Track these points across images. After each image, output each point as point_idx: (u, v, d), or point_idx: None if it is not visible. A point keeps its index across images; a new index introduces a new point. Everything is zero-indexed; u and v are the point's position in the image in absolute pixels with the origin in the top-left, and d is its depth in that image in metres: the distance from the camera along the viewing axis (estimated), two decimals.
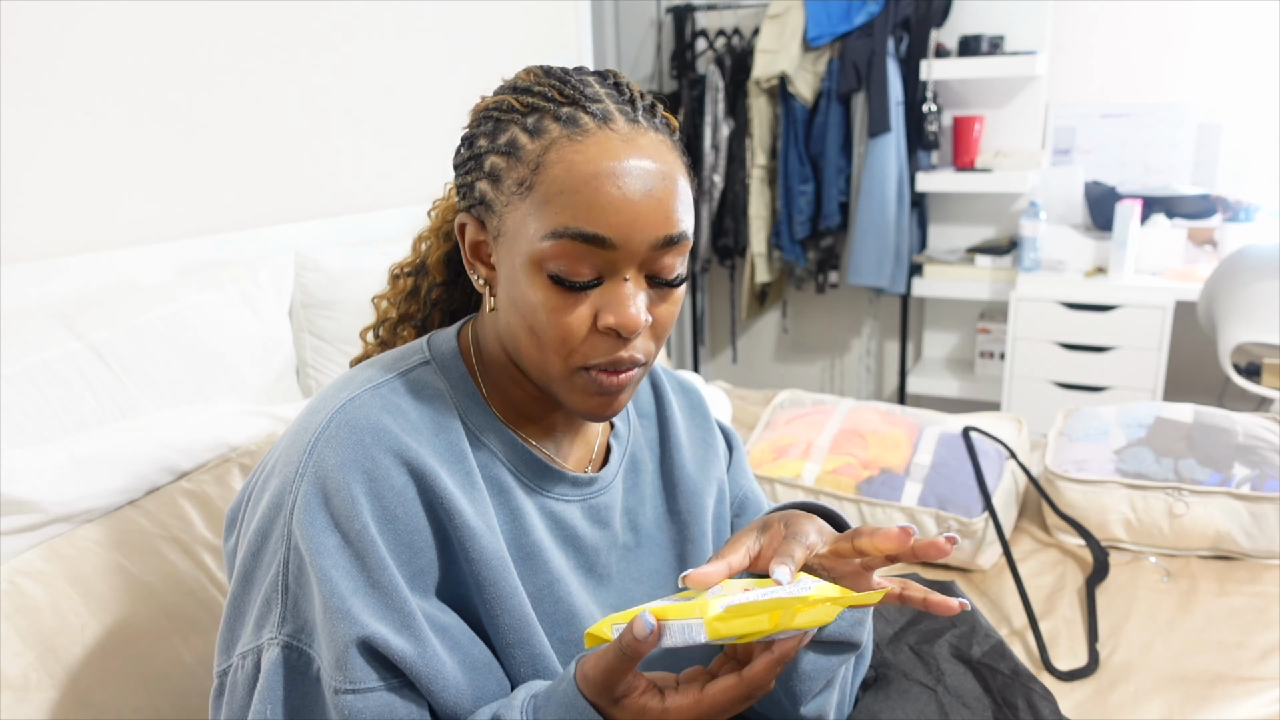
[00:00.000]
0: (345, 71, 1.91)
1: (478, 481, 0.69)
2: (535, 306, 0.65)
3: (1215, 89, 2.75)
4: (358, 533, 0.62)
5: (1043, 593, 1.40)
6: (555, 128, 0.64)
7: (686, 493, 0.85)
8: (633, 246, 0.64)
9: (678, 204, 0.65)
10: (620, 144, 0.64)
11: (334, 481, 0.63)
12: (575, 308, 0.65)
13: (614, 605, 0.77)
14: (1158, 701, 1.14)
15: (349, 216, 1.93)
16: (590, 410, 0.69)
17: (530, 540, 0.71)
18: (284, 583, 0.63)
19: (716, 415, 0.95)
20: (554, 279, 0.64)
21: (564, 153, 0.64)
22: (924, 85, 2.82)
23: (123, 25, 1.44)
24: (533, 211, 0.64)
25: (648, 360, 0.69)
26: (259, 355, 1.50)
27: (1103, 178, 2.89)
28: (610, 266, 0.64)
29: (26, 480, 0.98)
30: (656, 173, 0.64)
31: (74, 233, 1.41)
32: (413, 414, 0.68)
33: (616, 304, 0.64)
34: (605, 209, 0.62)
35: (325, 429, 0.65)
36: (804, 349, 3.55)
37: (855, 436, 1.64)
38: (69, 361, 1.21)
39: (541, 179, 0.64)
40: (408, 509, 0.65)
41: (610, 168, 0.63)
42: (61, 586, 0.95)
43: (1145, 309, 2.55)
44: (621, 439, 0.83)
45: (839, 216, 2.99)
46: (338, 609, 0.61)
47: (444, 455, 0.68)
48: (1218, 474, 1.47)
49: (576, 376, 0.67)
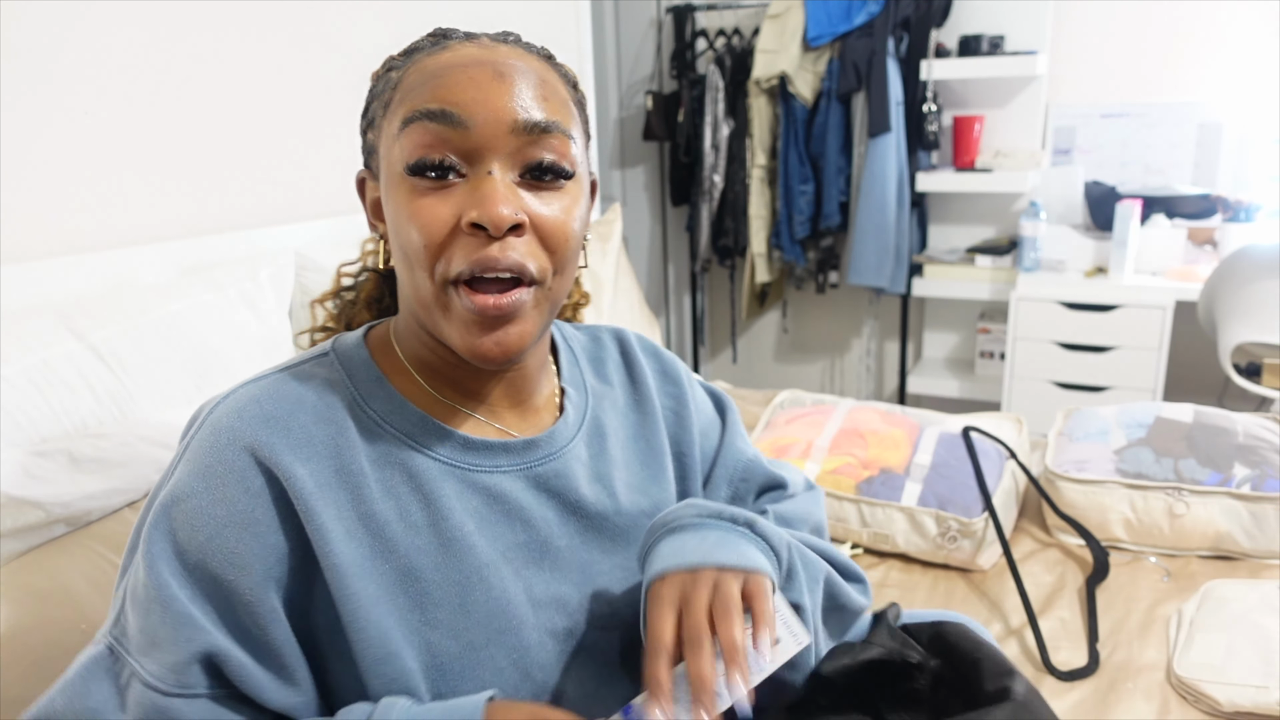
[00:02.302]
0: (345, 71, 1.90)
1: (361, 473, 0.64)
2: (398, 218, 0.61)
3: (1215, 89, 2.75)
4: (200, 545, 0.60)
5: (1043, 593, 1.40)
6: (420, 54, 0.64)
7: (665, 461, 0.81)
8: (487, 130, 0.60)
9: (538, 92, 0.62)
10: (477, 49, 0.63)
11: (185, 488, 0.61)
12: (436, 208, 0.60)
13: (571, 581, 0.71)
14: (1157, 701, 1.14)
15: (349, 216, 1.93)
16: (474, 350, 0.62)
17: (449, 525, 0.66)
18: (126, 585, 0.62)
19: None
20: (410, 172, 0.60)
21: (423, 63, 0.63)
22: (924, 85, 2.82)
23: (123, 25, 1.44)
24: (391, 120, 0.63)
25: (540, 277, 0.62)
26: (259, 355, 1.50)
27: (1103, 178, 2.89)
28: (470, 155, 0.60)
29: (26, 480, 0.98)
30: (512, 65, 0.62)
31: (74, 233, 1.41)
32: (286, 409, 0.63)
33: (479, 195, 0.59)
34: (450, 88, 0.60)
35: (197, 431, 0.64)
36: (804, 349, 3.55)
37: (855, 436, 1.64)
38: (69, 361, 1.21)
39: (399, 90, 0.63)
40: (264, 510, 0.61)
41: (465, 57, 0.62)
42: (59, 587, 0.94)
43: (1145, 309, 2.55)
44: (576, 402, 0.77)
45: (839, 216, 2.99)
46: (180, 614, 0.59)
47: (315, 451, 0.63)
48: (1218, 474, 1.47)
49: (454, 301, 0.61)
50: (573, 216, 0.63)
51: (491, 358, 0.62)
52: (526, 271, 0.61)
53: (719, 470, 0.87)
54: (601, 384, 0.81)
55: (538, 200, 0.62)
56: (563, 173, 0.63)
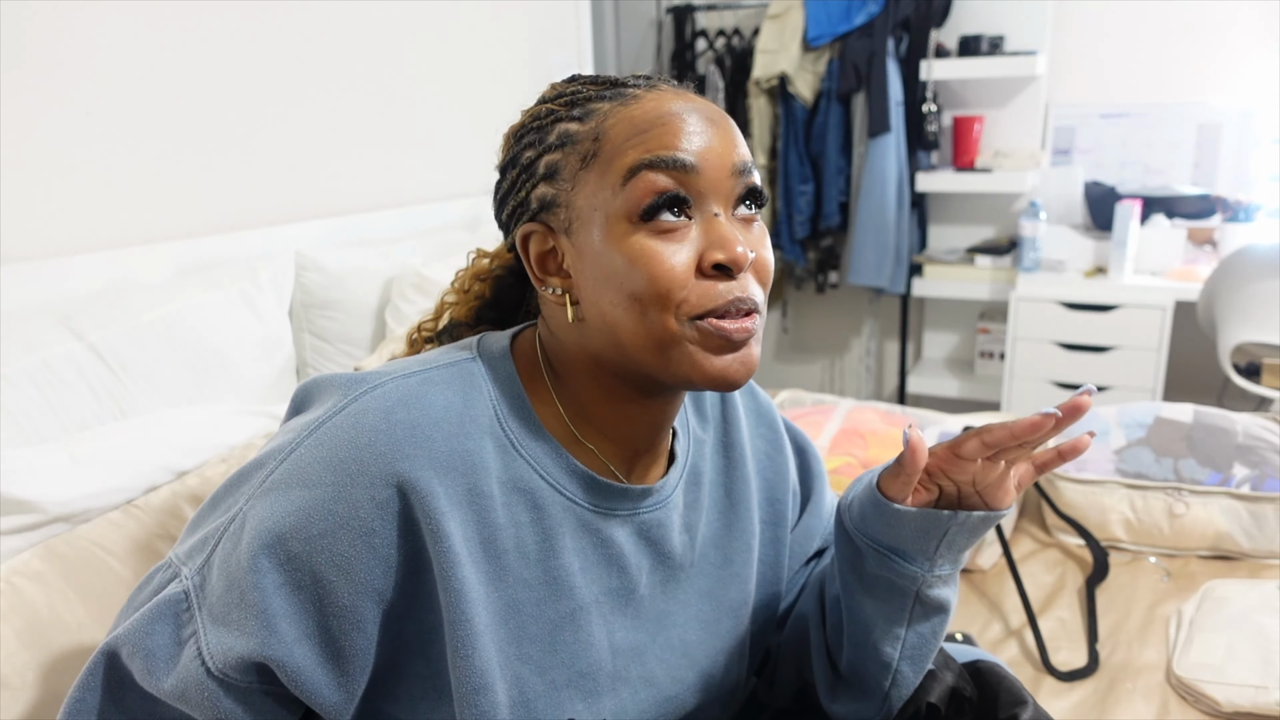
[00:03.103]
0: (345, 72, 1.91)
1: (490, 496, 0.63)
2: (631, 264, 0.60)
3: (1215, 89, 2.75)
4: (310, 537, 0.59)
5: (1042, 593, 1.40)
6: (604, 104, 0.64)
7: (746, 510, 0.80)
8: (714, 173, 0.62)
9: (738, 135, 0.65)
10: (673, 95, 0.65)
11: (312, 474, 0.60)
12: (675, 254, 0.61)
13: (646, 631, 0.71)
14: (1157, 702, 1.14)
15: (349, 216, 1.94)
16: (722, 373, 0.62)
17: (558, 563, 0.66)
18: (220, 535, 0.61)
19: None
20: (644, 216, 0.60)
21: (621, 114, 0.63)
22: (924, 85, 2.82)
23: (123, 25, 1.44)
24: (603, 172, 0.62)
25: (762, 309, 0.64)
26: (259, 355, 1.50)
27: (1103, 178, 2.89)
28: (698, 199, 0.62)
29: (26, 480, 0.98)
30: (714, 110, 0.65)
31: (74, 233, 1.41)
32: (432, 419, 0.62)
33: (718, 238, 0.61)
34: (678, 135, 0.61)
35: (335, 415, 0.62)
36: (804, 349, 3.55)
37: (855, 436, 1.64)
38: (69, 361, 1.21)
39: (605, 142, 0.62)
40: (385, 523, 0.60)
41: (671, 107, 0.63)
42: (59, 587, 0.95)
43: (1145, 309, 2.55)
44: (682, 445, 0.76)
45: (839, 216, 2.99)
46: (260, 611, 0.58)
47: (454, 466, 0.62)
48: (1217, 474, 1.47)
49: (696, 333, 0.61)
50: (770, 249, 0.67)
51: (739, 379, 0.63)
52: (757, 303, 0.64)
53: (811, 522, 0.88)
54: (700, 423, 0.80)
55: (750, 237, 0.64)
56: (760, 200, 0.66)
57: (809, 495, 0.88)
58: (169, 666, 0.60)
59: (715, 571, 0.77)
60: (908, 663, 0.75)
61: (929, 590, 0.71)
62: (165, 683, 0.60)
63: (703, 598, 0.76)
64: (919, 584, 0.70)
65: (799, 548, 0.87)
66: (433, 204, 2.19)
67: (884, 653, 0.74)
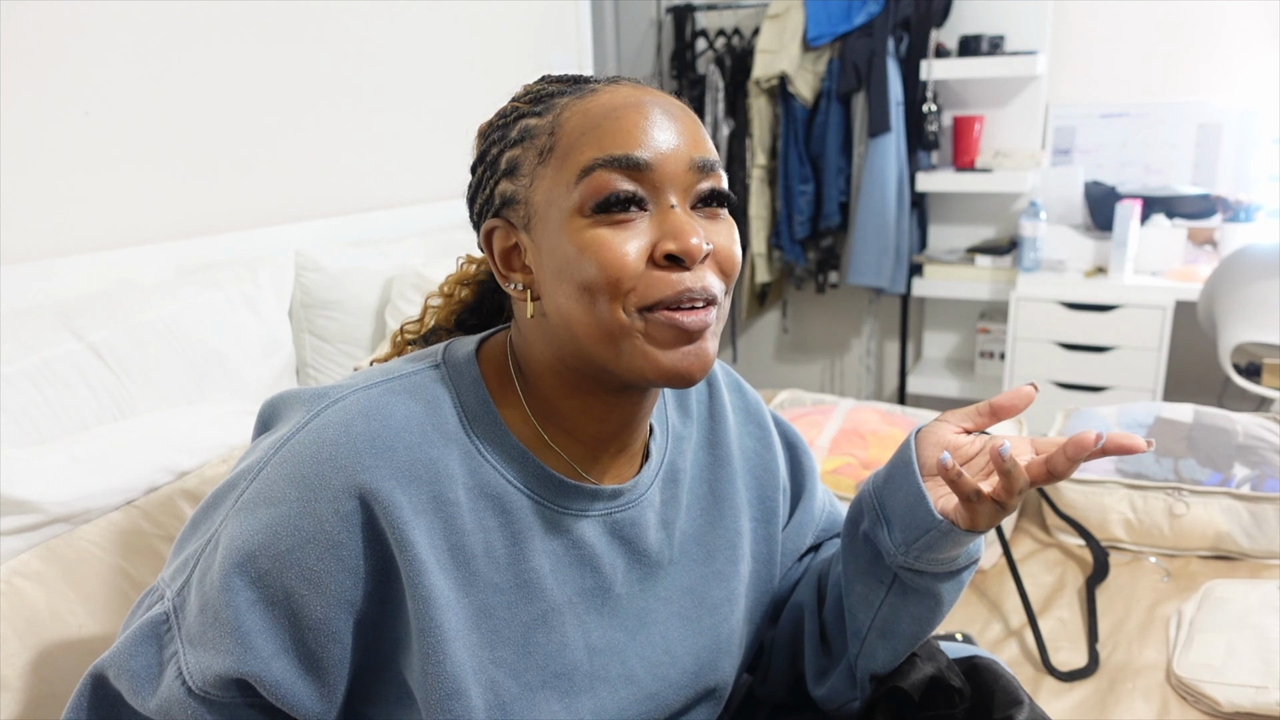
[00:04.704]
0: (345, 72, 1.91)
1: (456, 503, 0.63)
2: (581, 253, 0.60)
3: (1215, 89, 2.75)
4: (279, 554, 0.59)
5: (1042, 593, 1.40)
6: (563, 99, 0.64)
7: (732, 507, 0.79)
8: (669, 167, 0.61)
9: (701, 132, 0.64)
10: (631, 89, 0.64)
11: (277, 491, 0.60)
12: (625, 243, 0.60)
13: (624, 630, 0.71)
14: (1157, 702, 1.14)
15: (349, 216, 1.94)
16: (674, 367, 0.61)
17: (527, 566, 0.66)
18: (199, 555, 0.62)
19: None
20: (597, 211, 0.60)
21: (577, 106, 0.63)
22: (924, 85, 2.82)
23: (123, 25, 1.44)
24: (559, 168, 0.62)
25: (720, 301, 0.63)
26: (259, 355, 1.50)
27: (1103, 178, 2.89)
28: (652, 193, 0.61)
29: (26, 480, 0.98)
30: (674, 105, 0.64)
31: (74, 233, 1.41)
32: (394, 430, 0.62)
33: (671, 228, 0.60)
34: (630, 131, 0.61)
35: (299, 432, 0.62)
36: (804, 349, 3.55)
37: (855, 436, 1.64)
38: (69, 361, 1.21)
39: (560, 135, 0.62)
40: (351, 535, 0.60)
41: (627, 100, 0.62)
42: (59, 587, 0.95)
43: (1145, 309, 2.55)
44: (659, 443, 0.76)
45: (839, 216, 2.99)
46: (234, 629, 0.59)
47: (417, 476, 0.62)
48: (1218, 474, 1.47)
49: (647, 326, 0.61)
50: (736, 242, 0.66)
51: (692, 373, 0.62)
52: (713, 295, 0.63)
53: (803, 518, 0.87)
54: (683, 419, 0.79)
55: (712, 229, 0.64)
56: (726, 200, 0.65)
57: (800, 491, 0.88)
58: (153, 687, 0.61)
59: (697, 568, 0.76)
60: (876, 634, 0.75)
61: (907, 574, 0.72)
62: (150, 702, 0.61)
63: (684, 594, 0.75)
64: (894, 560, 0.71)
65: (791, 544, 0.86)
66: (433, 204, 2.19)
67: (858, 619, 0.75)
